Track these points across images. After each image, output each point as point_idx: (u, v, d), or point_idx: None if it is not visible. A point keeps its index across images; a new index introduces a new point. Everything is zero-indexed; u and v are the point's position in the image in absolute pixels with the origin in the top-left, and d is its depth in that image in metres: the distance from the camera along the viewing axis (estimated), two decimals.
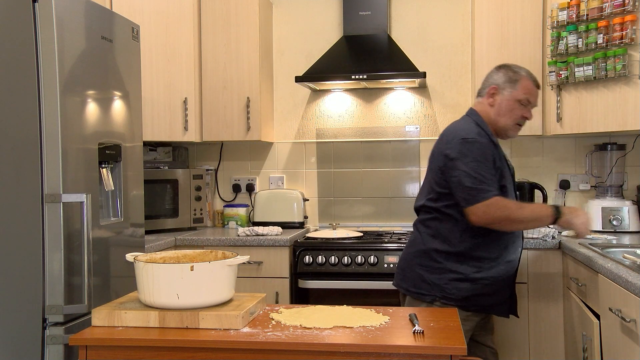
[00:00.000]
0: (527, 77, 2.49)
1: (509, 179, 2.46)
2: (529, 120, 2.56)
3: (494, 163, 2.37)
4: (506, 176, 2.44)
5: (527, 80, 2.49)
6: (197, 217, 3.79)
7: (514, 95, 2.47)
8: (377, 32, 3.77)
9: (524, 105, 2.48)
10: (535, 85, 2.52)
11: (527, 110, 2.50)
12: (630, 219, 3.32)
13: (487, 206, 2.28)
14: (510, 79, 2.49)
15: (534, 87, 2.51)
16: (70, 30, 2.21)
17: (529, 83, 2.49)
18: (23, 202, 2.09)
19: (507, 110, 2.48)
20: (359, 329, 1.66)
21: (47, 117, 2.11)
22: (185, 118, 3.65)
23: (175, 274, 1.70)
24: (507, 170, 2.47)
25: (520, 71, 2.51)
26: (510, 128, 2.51)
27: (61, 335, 2.09)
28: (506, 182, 2.42)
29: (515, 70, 2.52)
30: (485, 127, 2.48)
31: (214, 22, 3.73)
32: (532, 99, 2.50)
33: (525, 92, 2.48)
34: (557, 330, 3.14)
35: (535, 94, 2.52)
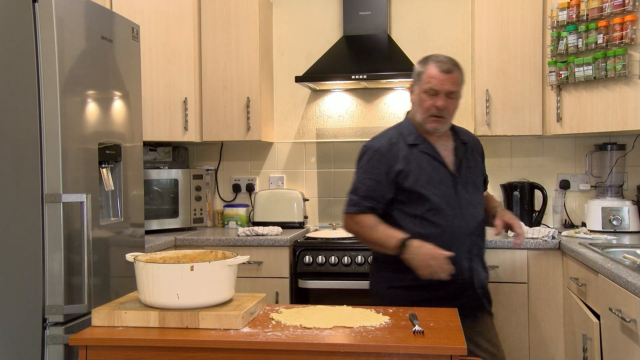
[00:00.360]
0: (433, 65, 2.29)
1: (431, 181, 2.29)
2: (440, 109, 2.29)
3: (388, 170, 2.28)
4: (422, 178, 2.28)
5: (431, 68, 2.29)
6: (197, 217, 3.79)
7: (421, 88, 2.31)
8: (377, 32, 3.77)
9: (432, 95, 2.28)
10: (443, 70, 2.27)
11: (438, 98, 2.27)
12: (630, 219, 3.32)
13: (348, 217, 2.33)
14: (417, 73, 2.35)
15: (439, 73, 2.27)
16: (70, 30, 2.21)
17: (433, 70, 2.28)
18: (23, 202, 2.09)
19: (418, 104, 2.33)
20: (359, 329, 1.66)
21: (47, 117, 2.11)
22: (185, 118, 3.65)
23: (175, 274, 1.69)
24: (429, 171, 2.30)
25: (428, 60, 2.32)
26: (426, 121, 2.31)
27: (61, 335, 2.09)
28: (418, 186, 2.27)
29: (423, 61, 2.35)
30: (407, 129, 2.37)
31: (214, 22, 3.73)
32: (437, 85, 2.27)
33: (428, 81, 2.28)
34: (557, 330, 3.14)
35: (441, 78, 2.27)
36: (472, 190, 2.36)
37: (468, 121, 3.82)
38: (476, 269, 2.33)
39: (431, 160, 2.32)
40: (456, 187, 2.31)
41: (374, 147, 2.35)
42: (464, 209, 2.30)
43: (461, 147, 2.40)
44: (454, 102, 2.32)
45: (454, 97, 2.31)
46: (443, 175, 2.32)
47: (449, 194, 2.30)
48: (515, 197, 3.54)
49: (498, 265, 3.17)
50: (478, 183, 2.43)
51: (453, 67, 2.30)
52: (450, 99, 2.30)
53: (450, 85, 2.28)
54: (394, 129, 2.42)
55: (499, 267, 3.17)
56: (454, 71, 2.29)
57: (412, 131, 2.36)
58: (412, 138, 2.35)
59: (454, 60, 2.34)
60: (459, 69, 2.33)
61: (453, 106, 2.33)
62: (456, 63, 2.34)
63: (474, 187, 2.38)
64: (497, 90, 3.47)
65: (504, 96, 3.47)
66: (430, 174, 2.30)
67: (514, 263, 3.17)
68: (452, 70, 2.29)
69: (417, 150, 2.32)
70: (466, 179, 2.35)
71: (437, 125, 2.31)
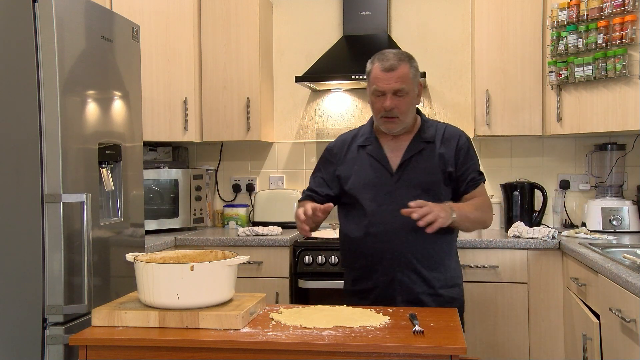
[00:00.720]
0: (376, 64, 2.17)
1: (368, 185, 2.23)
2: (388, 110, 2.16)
3: (334, 171, 2.31)
4: (359, 182, 2.24)
5: (375, 68, 2.17)
6: (197, 217, 3.79)
7: (369, 89, 2.21)
8: (377, 32, 3.77)
9: (379, 95, 2.17)
10: (385, 68, 2.14)
11: (385, 98, 2.16)
12: (630, 219, 3.32)
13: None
14: (367, 73, 2.23)
15: (382, 72, 2.15)
16: (70, 30, 2.21)
17: (376, 70, 2.16)
18: (23, 202, 2.09)
19: (371, 106, 2.24)
20: (359, 329, 1.66)
21: (47, 117, 2.11)
22: (185, 118, 3.65)
23: (175, 274, 1.69)
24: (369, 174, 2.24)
25: (374, 59, 2.20)
26: (380, 123, 2.23)
27: (61, 335, 2.09)
28: (354, 190, 2.24)
29: (371, 60, 2.22)
30: (365, 129, 2.34)
31: (214, 22, 3.73)
32: (381, 85, 2.15)
33: (374, 82, 2.17)
34: (557, 330, 3.14)
35: (384, 78, 2.14)
36: (417, 193, 2.16)
37: (468, 121, 3.83)
38: (402, 280, 2.18)
39: (374, 162, 2.25)
40: (395, 191, 2.20)
41: (328, 147, 2.40)
42: (398, 215, 2.06)
43: (418, 146, 2.25)
44: (404, 100, 2.17)
45: (402, 94, 2.16)
46: (383, 179, 2.23)
47: (384, 198, 2.20)
48: (515, 197, 3.54)
49: (498, 265, 3.17)
50: (429, 184, 2.22)
51: (397, 63, 2.15)
52: (399, 97, 2.16)
53: (395, 84, 2.14)
54: (358, 128, 2.40)
55: (499, 267, 3.17)
56: (398, 67, 2.14)
57: (367, 131, 2.32)
58: (363, 139, 2.31)
59: (401, 54, 2.21)
60: (407, 62, 2.18)
61: (405, 104, 2.18)
62: (403, 57, 2.19)
63: (421, 190, 2.19)
64: (497, 90, 3.47)
65: (504, 96, 3.47)
66: (369, 177, 2.24)
67: (514, 263, 3.17)
68: (395, 67, 2.14)
69: (364, 152, 2.28)
70: (410, 181, 2.21)
71: (391, 126, 2.21)
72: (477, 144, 3.82)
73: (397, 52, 2.22)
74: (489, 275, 3.19)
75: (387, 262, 2.19)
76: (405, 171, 2.23)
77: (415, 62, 2.24)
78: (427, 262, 2.20)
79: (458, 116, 3.88)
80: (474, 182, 2.28)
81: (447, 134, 2.30)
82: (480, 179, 2.31)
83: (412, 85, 2.19)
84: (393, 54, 2.19)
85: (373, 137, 2.30)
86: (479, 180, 2.30)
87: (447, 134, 2.30)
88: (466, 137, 2.32)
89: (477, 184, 2.28)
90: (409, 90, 2.18)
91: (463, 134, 2.33)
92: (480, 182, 2.30)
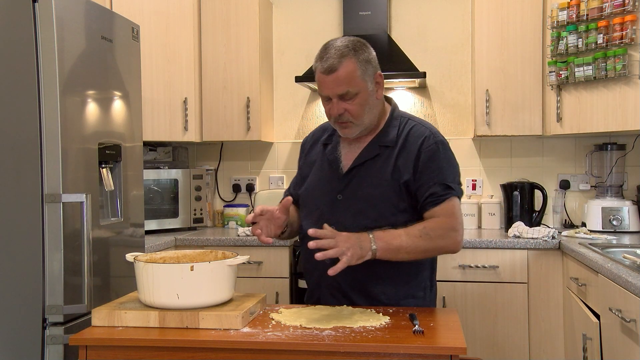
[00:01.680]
0: (318, 69, 1.87)
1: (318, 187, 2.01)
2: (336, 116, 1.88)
3: (299, 167, 2.14)
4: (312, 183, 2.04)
5: (317, 73, 1.88)
6: (197, 217, 3.79)
7: (319, 93, 1.93)
8: (377, 32, 3.77)
9: (327, 100, 1.89)
10: (324, 71, 1.84)
11: (332, 104, 1.87)
12: (630, 219, 3.32)
13: None
14: (314, 69, 1.94)
15: (322, 75, 1.85)
16: (70, 30, 2.21)
17: (317, 72, 1.87)
18: (23, 202, 2.09)
19: (325, 109, 1.96)
20: (359, 329, 1.66)
21: (47, 117, 2.11)
22: (185, 118, 3.65)
23: (175, 274, 1.69)
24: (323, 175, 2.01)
25: (316, 63, 1.89)
26: (335, 127, 1.96)
27: (61, 335, 2.09)
28: (306, 191, 2.04)
29: (314, 63, 1.92)
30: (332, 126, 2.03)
31: (214, 22, 3.73)
32: (324, 90, 1.87)
33: (318, 85, 1.90)
34: (557, 330, 3.14)
35: (325, 81, 1.85)
36: (360, 206, 1.91)
37: (468, 121, 3.83)
38: (329, 301, 1.95)
39: (328, 164, 2.01)
40: (335, 199, 1.95)
41: (302, 142, 2.18)
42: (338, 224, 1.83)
43: (373, 150, 1.94)
44: (355, 102, 1.86)
45: (349, 97, 1.85)
46: (334, 183, 1.97)
47: (328, 205, 1.96)
48: (515, 197, 3.54)
49: (498, 265, 3.17)
50: (375, 199, 1.90)
51: (338, 62, 1.82)
52: (347, 100, 1.85)
53: (338, 88, 1.83)
54: (327, 123, 2.08)
55: (499, 267, 3.17)
56: (339, 67, 1.82)
57: (332, 128, 2.03)
58: (326, 137, 2.06)
59: (345, 46, 1.85)
60: (351, 56, 1.83)
61: (356, 107, 1.86)
62: (347, 51, 1.83)
63: (366, 204, 1.91)
64: (497, 90, 3.47)
65: (504, 96, 3.47)
66: (322, 179, 2.01)
67: (514, 263, 3.17)
68: (335, 67, 1.82)
69: (324, 151, 2.05)
70: (354, 192, 1.93)
71: (346, 132, 1.92)
72: (477, 144, 3.83)
73: (341, 45, 1.85)
74: (489, 275, 3.19)
75: (315, 280, 2.02)
76: (354, 180, 1.94)
77: (366, 52, 1.87)
78: (355, 285, 1.92)
79: (458, 116, 3.88)
80: (434, 198, 1.86)
81: (411, 136, 1.93)
82: (446, 195, 1.86)
83: (362, 84, 1.85)
84: (335, 48, 1.84)
85: (335, 136, 2.03)
86: (443, 196, 1.86)
87: (411, 136, 1.93)
88: (435, 140, 1.92)
89: (437, 201, 1.85)
90: (359, 91, 1.85)
91: (431, 136, 1.92)
92: (445, 199, 1.86)
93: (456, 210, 1.88)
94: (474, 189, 3.82)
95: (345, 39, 1.88)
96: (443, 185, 1.87)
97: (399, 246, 1.79)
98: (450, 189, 1.87)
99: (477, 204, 3.73)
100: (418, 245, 1.82)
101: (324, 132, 2.09)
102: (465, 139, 3.84)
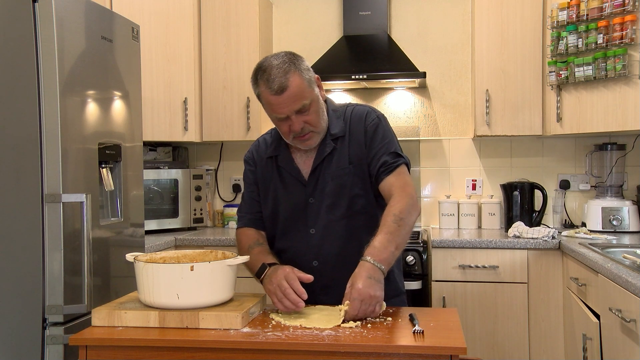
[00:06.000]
0: (263, 87, 1.83)
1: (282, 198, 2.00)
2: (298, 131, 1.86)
3: (254, 183, 2.07)
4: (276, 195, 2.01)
5: (264, 93, 1.84)
6: (197, 217, 3.79)
7: (267, 112, 1.90)
8: (377, 32, 3.77)
9: (282, 119, 1.86)
10: (274, 92, 1.80)
11: (290, 121, 1.85)
12: (630, 219, 3.32)
13: (236, 234, 2.10)
14: (257, 96, 1.89)
15: (273, 96, 1.81)
16: (70, 30, 2.21)
17: (266, 95, 1.84)
18: (23, 202, 2.09)
19: (278, 128, 1.94)
20: (358, 329, 1.66)
21: (47, 117, 2.11)
22: (185, 118, 3.65)
23: (175, 274, 1.69)
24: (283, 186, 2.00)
25: (257, 79, 1.85)
26: (295, 143, 1.93)
27: (61, 335, 2.09)
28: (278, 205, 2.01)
29: (254, 78, 1.87)
30: (273, 137, 2.06)
31: (214, 22, 3.73)
32: (278, 111, 1.84)
33: (269, 108, 1.86)
34: (557, 330, 3.14)
35: (278, 102, 1.82)
36: (330, 201, 1.95)
37: (468, 121, 3.83)
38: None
39: (285, 174, 2.00)
40: (307, 204, 1.97)
41: (245, 159, 2.12)
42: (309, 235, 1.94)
43: (327, 145, 1.95)
44: (312, 111, 1.86)
45: (305, 110, 1.84)
46: (301, 191, 1.98)
47: (302, 211, 1.97)
48: (515, 197, 3.54)
49: (498, 265, 3.17)
50: (344, 190, 1.95)
51: (285, 79, 1.80)
52: (304, 113, 1.85)
53: (293, 104, 1.82)
54: (266, 135, 2.11)
55: (499, 267, 3.17)
56: (289, 84, 1.80)
57: (276, 139, 2.03)
58: (272, 149, 2.03)
59: (284, 62, 1.82)
60: (294, 69, 1.82)
61: (314, 116, 1.87)
62: (288, 65, 1.81)
63: (336, 197, 1.94)
64: (497, 90, 3.47)
65: (504, 96, 3.47)
66: (288, 192, 1.99)
67: (514, 263, 3.17)
68: (285, 86, 1.79)
69: (274, 163, 2.02)
70: (323, 189, 1.96)
71: (308, 143, 1.92)
72: (477, 144, 3.83)
73: (279, 62, 1.82)
74: (489, 275, 3.19)
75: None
76: (319, 180, 1.96)
77: (301, 61, 1.87)
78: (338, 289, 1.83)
79: (458, 116, 3.88)
80: (386, 166, 1.90)
81: (354, 117, 1.97)
82: (397, 163, 1.91)
83: (311, 92, 1.86)
84: (276, 67, 1.81)
85: (282, 146, 2.00)
86: (394, 164, 1.90)
87: (354, 117, 1.97)
88: (377, 115, 1.98)
89: (390, 169, 1.90)
90: (311, 100, 1.85)
91: (372, 111, 1.98)
92: (397, 167, 1.90)
93: (407, 178, 1.93)
94: (474, 189, 3.82)
95: (277, 56, 1.85)
96: (393, 153, 1.92)
97: (394, 252, 1.79)
98: (399, 156, 1.93)
99: (477, 204, 3.73)
100: (402, 234, 1.81)
101: (266, 146, 2.06)
102: (465, 139, 3.84)
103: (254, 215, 2.08)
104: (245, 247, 2.02)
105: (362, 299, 1.69)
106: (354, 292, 1.69)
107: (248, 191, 2.10)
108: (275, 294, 1.77)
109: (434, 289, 3.23)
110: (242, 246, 2.04)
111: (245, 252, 1.98)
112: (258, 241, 2.03)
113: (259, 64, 1.87)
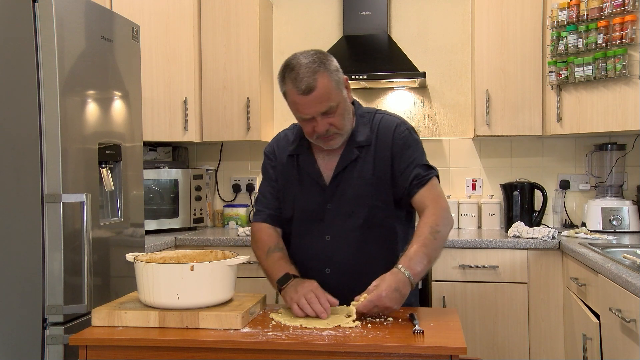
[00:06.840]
0: (290, 86, 1.80)
1: (301, 199, 1.97)
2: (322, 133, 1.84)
3: (274, 179, 2.04)
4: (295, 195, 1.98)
5: (291, 92, 1.80)
6: (197, 217, 3.79)
7: (292, 111, 1.86)
8: (377, 32, 3.77)
9: (307, 120, 1.84)
10: (301, 92, 1.77)
11: (314, 122, 1.83)
12: (630, 219, 3.32)
13: (251, 231, 2.09)
14: (283, 94, 1.86)
15: (299, 96, 1.78)
16: (70, 30, 2.21)
17: (293, 94, 1.80)
18: (23, 202, 2.09)
19: (300, 125, 1.92)
20: (358, 329, 1.66)
21: (47, 117, 2.11)
22: (185, 118, 3.65)
23: (175, 274, 1.69)
24: (303, 187, 1.98)
25: (284, 77, 1.82)
26: (318, 143, 1.91)
27: (61, 335, 2.09)
28: (292, 205, 1.98)
29: (281, 75, 1.84)
30: (295, 134, 2.02)
31: (214, 22, 3.73)
32: (304, 112, 1.81)
33: (295, 107, 1.83)
34: (557, 330, 3.14)
35: (304, 103, 1.79)
36: (350, 209, 1.92)
37: (468, 121, 3.83)
38: None
39: (305, 175, 1.97)
40: (325, 210, 1.94)
41: (265, 152, 2.10)
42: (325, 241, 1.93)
43: (352, 153, 1.93)
44: (338, 113, 1.83)
45: (331, 112, 1.81)
46: (320, 195, 1.95)
47: (319, 216, 1.95)
48: (515, 197, 3.54)
49: (498, 265, 3.17)
50: (365, 196, 1.92)
51: (314, 80, 1.76)
52: (330, 115, 1.82)
53: (319, 106, 1.79)
54: (288, 130, 2.09)
55: (499, 267, 3.17)
56: (316, 84, 1.76)
57: (298, 137, 2.00)
58: (293, 147, 2.00)
59: (313, 62, 1.79)
60: (323, 70, 1.79)
61: (339, 118, 1.84)
62: (317, 65, 1.78)
63: (355, 202, 1.92)
64: (497, 90, 3.47)
65: (504, 96, 3.47)
66: (306, 193, 1.97)
67: (514, 263, 3.17)
68: (313, 86, 1.76)
69: (295, 162, 1.99)
70: (342, 196, 1.93)
71: (332, 143, 1.89)
72: (477, 144, 3.83)
73: (308, 61, 1.79)
74: (489, 275, 3.19)
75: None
76: (339, 187, 1.93)
77: (331, 61, 1.84)
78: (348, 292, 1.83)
79: (458, 116, 3.88)
80: (419, 179, 1.89)
81: (382, 128, 1.94)
82: (429, 175, 1.90)
83: (339, 94, 1.83)
84: (305, 66, 1.78)
85: (304, 145, 1.98)
86: (426, 176, 1.89)
87: (382, 128, 1.94)
88: (406, 127, 1.96)
89: (423, 182, 1.89)
90: (339, 102, 1.83)
91: (401, 124, 1.96)
92: (429, 179, 1.90)
93: (440, 190, 1.93)
94: (474, 189, 3.82)
95: (307, 55, 1.83)
96: (424, 166, 1.92)
97: (425, 263, 1.78)
98: (430, 168, 1.93)
99: (477, 204, 3.73)
100: (436, 246, 1.82)
101: (287, 142, 2.04)
102: (465, 139, 3.84)
103: (273, 211, 2.04)
104: (265, 248, 1.98)
105: (377, 305, 1.70)
106: (374, 295, 1.69)
107: (268, 186, 2.06)
108: (299, 302, 1.75)
109: (434, 289, 3.23)
110: (260, 245, 2.00)
111: (263, 254, 1.97)
112: (278, 245, 1.99)
113: (287, 61, 1.84)
